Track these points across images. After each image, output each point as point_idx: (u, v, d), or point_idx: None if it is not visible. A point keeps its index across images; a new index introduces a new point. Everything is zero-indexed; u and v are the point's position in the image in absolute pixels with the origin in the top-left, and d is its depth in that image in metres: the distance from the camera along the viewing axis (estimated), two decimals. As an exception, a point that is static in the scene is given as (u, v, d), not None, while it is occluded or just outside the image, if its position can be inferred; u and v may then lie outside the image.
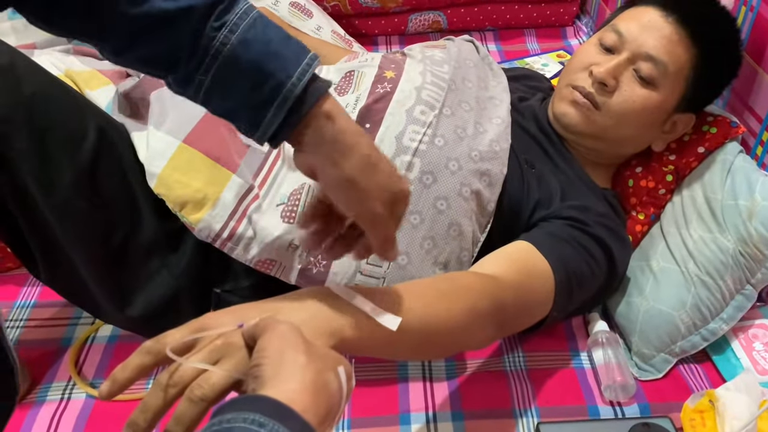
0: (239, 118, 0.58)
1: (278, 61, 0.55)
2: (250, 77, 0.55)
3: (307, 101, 0.55)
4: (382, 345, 0.60)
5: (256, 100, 0.55)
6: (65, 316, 1.06)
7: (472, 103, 0.99)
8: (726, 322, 0.95)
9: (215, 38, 0.54)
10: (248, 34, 0.55)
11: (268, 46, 0.55)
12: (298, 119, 0.56)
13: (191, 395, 0.47)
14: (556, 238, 0.89)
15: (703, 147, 1.05)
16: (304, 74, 0.55)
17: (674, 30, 0.96)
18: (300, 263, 0.89)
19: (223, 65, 0.55)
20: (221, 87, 0.56)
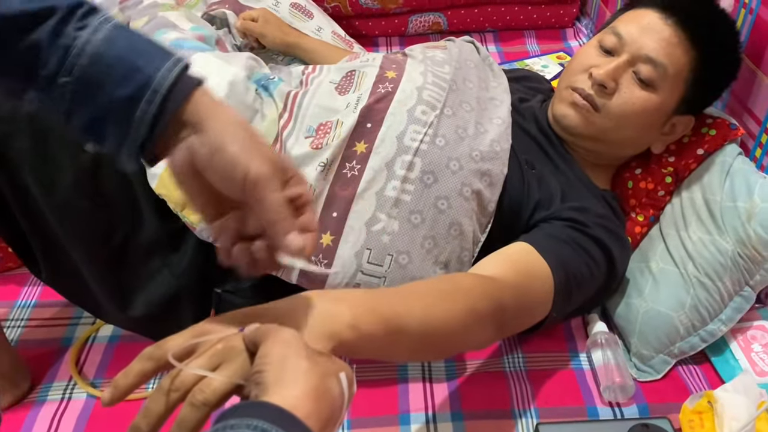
0: (108, 123, 0.52)
1: (146, 56, 0.52)
2: (118, 72, 0.51)
3: (179, 93, 0.52)
4: (381, 347, 0.60)
5: (124, 95, 0.51)
6: (66, 315, 1.07)
7: (473, 103, 0.99)
8: (725, 324, 0.96)
9: (78, 37, 0.51)
10: (113, 33, 0.53)
11: (134, 43, 0.53)
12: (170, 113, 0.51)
13: (193, 400, 0.47)
14: (555, 239, 0.90)
15: (702, 149, 1.05)
16: (174, 67, 0.52)
17: (674, 32, 0.97)
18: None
19: (88, 63, 0.51)
20: (86, 88, 0.52)
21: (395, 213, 0.90)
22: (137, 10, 1.33)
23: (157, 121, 0.51)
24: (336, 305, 0.56)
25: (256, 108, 0.97)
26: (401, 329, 0.61)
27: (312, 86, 1.00)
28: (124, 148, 0.53)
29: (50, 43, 0.51)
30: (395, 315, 0.61)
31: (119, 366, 0.97)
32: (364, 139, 0.93)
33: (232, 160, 0.51)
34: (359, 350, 0.56)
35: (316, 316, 0.54)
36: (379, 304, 0.60)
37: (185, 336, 0.51)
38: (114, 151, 0.54)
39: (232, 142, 0.51)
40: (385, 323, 0.59)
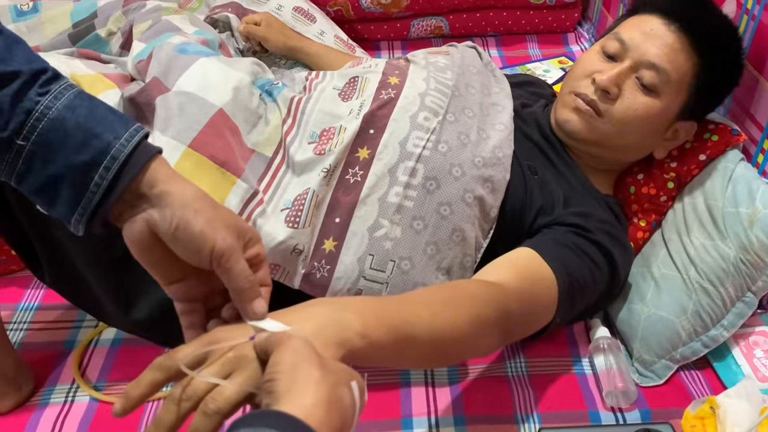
0: (63, 187, 0.53)
1: (105, 123, 0.53)
2: (77, 138, 0.52)
3: (137, 161, 0.53)
4: (390, 355, 0.60)
5: (82, 161, 0.52)
6: (69, 318, 1.07)
7: (475, 109, 1.00)
8: (727, 329, 0.96)
9: (39, 102, 0.53)
10: (74, 100, 0.54)
11: (94, 110, 0.54)
12: (128, 180, 0.53)
13: (205, 409, 0.47)
14: (559, 244, 0.90)
15: (705, 154, 1.05)
16: (134, 135, 0.53)
17: (677, 38, 0.97)
18: (303, 268, 0.90)
19: (48, 128, 0.52)
20: (44, 151, 0.52)
21: (398, 219, 0.90)
22: (140, 14, 1.34)
23: (113, 188, 0.52)
24: (345, 313, 0.56)
25: (260, 113, 0.98)
26: (410, 337, 0.61)
27: (315, 92, 1.00)
28: (76, 213, 0.53)
29: (11, 107, 0.52)
30: (403, 323, 0.61)
31: (122, 369, 0.98)
32: (367, 145, 0.93)
33: (198, 234, 0.52)
34: (368, 358, 0.57)
35: (327, 324, 0.54)
36: (388, 312, 0.60)
37: (196, 345, 0.51)
38: (63, 216, 0.54)
39: (196, 217, 0.53)
40: (393, 331, 0.59)
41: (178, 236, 0.53)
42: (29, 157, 0.53)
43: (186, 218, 0.53)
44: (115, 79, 1.16)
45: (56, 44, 1.36)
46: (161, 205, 0.53)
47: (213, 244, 0.52)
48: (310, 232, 0.89)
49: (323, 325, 0.54)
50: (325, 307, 0.57)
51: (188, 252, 0.53)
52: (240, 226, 0.55)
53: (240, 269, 0.53)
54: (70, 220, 0.54)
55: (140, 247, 0.55)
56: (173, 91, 0.94)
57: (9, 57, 0.53)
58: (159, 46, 1.06)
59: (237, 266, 0.53)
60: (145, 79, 1.04)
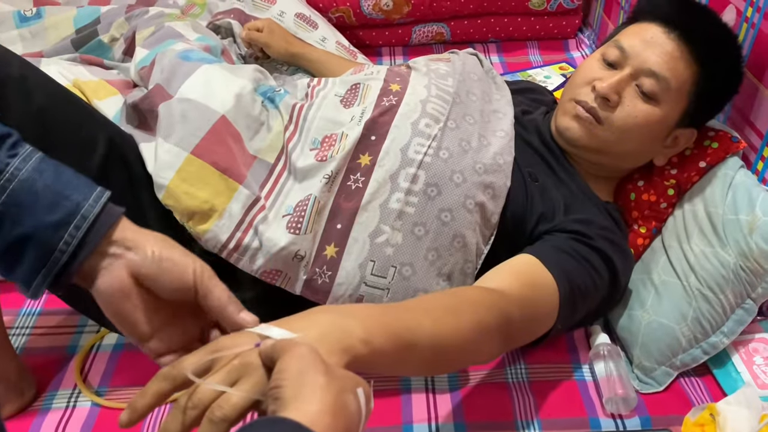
0: (31, 248, 0.54)
1: (74, 185, 0.56)
2: (46, 199, 0.54)
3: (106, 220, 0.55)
4: (392, 362, 0.60)
5: (51, 221, 0.54)
6: (70, 324, 1.07)
7: (476, 116, 1.00)
8: (726, 336, 0.96)
9: (9, 164, 0.54)
10: (41, 164, 0.56)
11: (60, 174, 0.56)
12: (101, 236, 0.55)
13: (212, 416, 0.47)
14: (559, 251, 0.90)
15: (705, 161, 1.05)
16: (100, 197, 0.56)
17: (676, 46, 0.97)
18: (305, 274, 0.90)
19: (17, 189, 0.54)
20: (14, 212, 0.54)
21: (399, 225, 0.90)
22: (143, 20, 1.35)
23: (82, 246, 0.54)
24: (349, 320, 0.57)
25: (262, 120, 0.98)
26: (412, 344, 0.61)
27: (317, 99, 1.01)
28: (39, 275, 0.54)
29: None
30: (406, 329, 0.61)
31: (123, 374, 0.99)
32: (369, 152, 0.93)
33: (181, 261, 0.56)
34: (371, 365, 0.57)
35: (330, 330, 0.54)
36: (390, 319, 0.61)
37: (201, 353, 0.52)
38: (23, 279, 0.55)
39: (173, 248, 0.57)
40: (396, 338, 0.59)
41: (163, 266, 0.56)
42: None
43: (166, 249, 0.56)
44: (117, 85, 1.17)
45: (59, 50, 1.37)
46: (138, 247, 0.56)
47: (194, 267, 0.56)
48: (311, 238, 0.90)
49: (327, 332, 0.54)
50: (328, 314, 0.57)
51: (173, 281, 0.56)
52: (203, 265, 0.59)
53: (221, 287, 0.57)
54: (31, 282, 0.55)
55: (120, 297, 0.56)
56: (176, 98, 0.94)
57: None
58: (162, 53, 1.07)
59: (218, 285, 0.57)
60: (147, 85, 1.05)
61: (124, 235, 0.56)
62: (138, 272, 0.56)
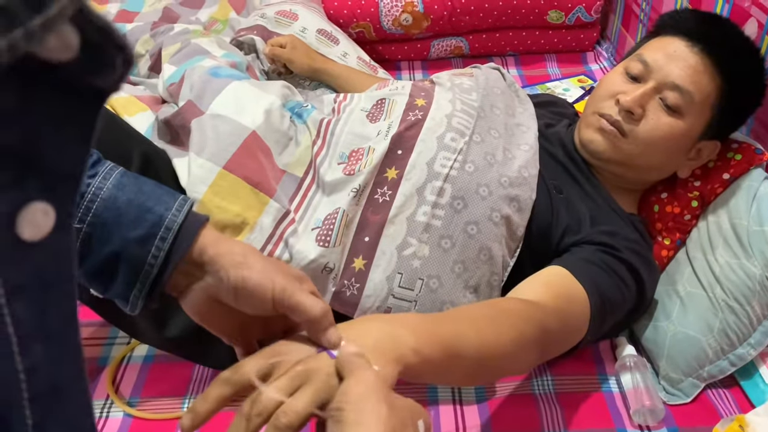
0: (119, 265, 0.55)
1: (155, 197, 0.56)
2: (130, 214, 0.55)
3: (190, 231, 0.55)
4: (440, 371, 0.61)
5: (137, 235, 0.54)
6: (101, 336, 1.09)
7: (500, 129, 1.01)
8: (754, 348, 0.96)
9: (90, 184, 0.55)
10: (122, 179, 0.56)
11: (142, 187, 0.57)
12: (187, 246, 0.55)
13: (277, 423, 0.47)
14: (589, 263, 0.91)
15: (728, 173, 1.06)
16: (184, 204, 0.56)
17: (700, 60, 0.98)
18: (334, 286, 0.91)
19: (102, 208, 0.54)
20: (101, 232, 0.54)
21: (426, 238, 0.92)
22: (168, 37, 1.38)
23: (170, 259, 0.54)
24: (400, 329, 0.57)
25: (290, 135, 1.00)
26: (459, 353, 0.62)
27: (344, 114, 1.03)
28: (135, 289, 0.55)
29: None
30: (453, 339, 0.62)
31: (154, 385, 1.00)
32: (395, 166, 0.95)
33: (257, 286, 0.54)
34: (420, 374, 0.57)
35: (383, 339, 0.55)
36: (438, 328, 0.62)
37: (262, 357, 0.52)
38: (121, 295, 0.56)
39: (249, 272, 0.54)
40: (444, 347, 0.60)
41: (239, 294, 0.55)
42: (87, 240, 0.54)
43: (241, 276, 0.54)
44: (146, 101, 1.19)
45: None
46: (214, 271, 0.55)
47: (272, 288, 0.54)
48: (340, 250, 0.91)
49: (380, 341, 0.55)
50: (380, 322, 0.58)
51: (253, 305, 0.55)
52: (291, 271, 0.57)
53: (307, 301, 0.54)
54: (128, 297, 0.56)
55: (201, 314, 0.57)
56: (207, 114, 0.96)
57: None
58: (191, 69, 1.09)
59: (303, 299, 0.54)
60: (177, 101, 1.07)
61: (204, 246, 0.56)
62: (217, 296, 0.56)
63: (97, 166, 0.57)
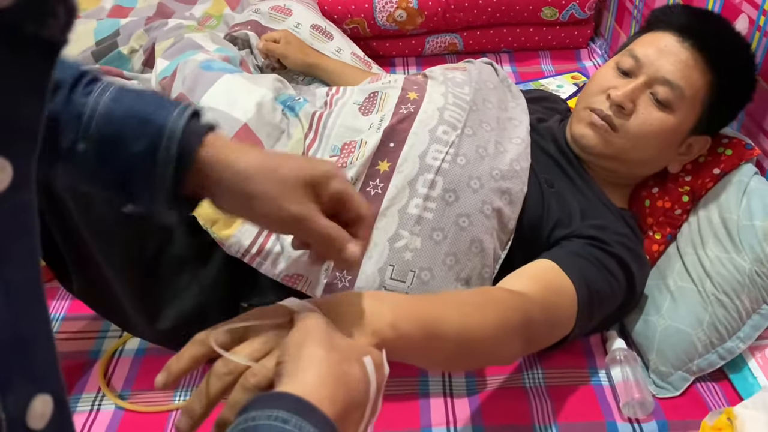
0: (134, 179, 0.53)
1: (154, 105, 0.54)
2: (130, 127, 0.53)
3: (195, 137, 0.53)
4: (418, 350, 0.61)
5: (141, 148, 0.52)
6: (93, 329, 1.09)
7: (492, 123, 1.02)
8: (743, 341, 0.97)
9: (86, 103, 0.53)
10: (119, 93, 0.54)
11: (141, 97, 0.55)
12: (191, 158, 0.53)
13: (245, 383, 0.49)
14: (578, 256, 0.91)
15: (719, 168, 1.07)
16: (184, 111, 0.54)
17: (690, 55, 0.99)
18: (326, 278, 0.92)
19: (101, 124, 0.52)
20: (104, 147, 0.53)
21: (417, 230, 0.92)
22: (162, 32, 1.37)
23: (179, 165, 0.53)
24: (379, 304, 0.58)
25: (282, 128, 1.00)
26: (439, 334, 0.63)
27: (336, 107, 1.03)
28: (157, 200, 0.54)
29: (62, 117, 0.52)
30: (434, 319, 0.63)
31: (146, 378, 1.00)
32: (387, 158, 0.95)
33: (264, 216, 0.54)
34: (398, 351, 0.58)
35: (361, 313, 0.56)
36: (419, 308, 0.62)
37: (237, 321, 0.53)
38: (149, 207, 0.55)
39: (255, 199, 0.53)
40: (423, 327, 0.61)
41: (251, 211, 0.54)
42: (93, 159, 0.53)
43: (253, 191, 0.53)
44: (139, 95, 1.19)
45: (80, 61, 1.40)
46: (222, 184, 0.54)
47: (285, 212, 0.53)
48: (332, 243, 0.91)
49: (358, 313, 0.55)
50: (361, 297, 0.59)
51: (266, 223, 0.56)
52: (306, 175, 0.55)
53: (319, 227, 0.54)
54: (156, 209, 0.55)
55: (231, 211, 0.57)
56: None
57: None
58: (183, 63, 1.09)
59: (315, 225, 0.54)
60: (169, 94, 1.07)
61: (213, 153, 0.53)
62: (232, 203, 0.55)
63: (93, 84, 0.54)
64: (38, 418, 0.31)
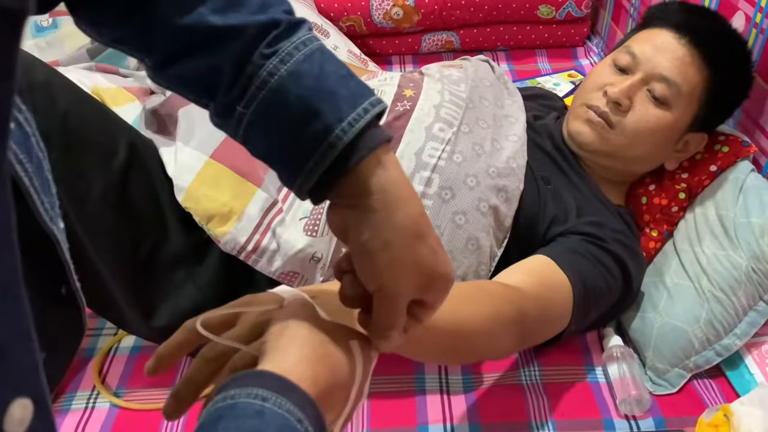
0: (279, 163, 0.50)
1: (331, 100, 0.47)
2: (296, 115, 0.47)
3: (357, 152, 0.46)
4: (409, 341, 0.60)
5: (299, 142, 0.47)
6: (89, 327, 1.08)
7: (489, 120, 1.02)
8: (739, 338, 0.97)
9: (263, 66, 0.47)
10: (302, 65, 0.47)
11: (322, 81, 0.47)
12: (343, 170, 0.47)
13: (233, 366, 0.48)
14: (574, 253, 0.91)
15: (715, 165, 1.07)
16: (359, 119, 0.46)
17: (687, 52, 0.99)
18: (322, 275, 0.91)
19: (268, 98, 0.47)
20: (263, 123, 0.48)
21: (414, 227, 0.91)
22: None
23: (328, 176, 0.47)
24: None
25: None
26: (430, 325, 0.62)
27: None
28: (294, 188, 0.50)
29: (233, 70, 0.48)
30: None
31: (141, 376, 1.00)
32: (384, 155, 0.95)
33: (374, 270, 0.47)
34: None
35: None
36: None
37: (227, 308, 0.53)
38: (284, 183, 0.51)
39: (383, 251, 0.47)
40: None
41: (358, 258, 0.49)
42: (248, 126, 0.48)
43: (375, 247, 0.47)
44: (135, 92, 1.19)
45: (75, 59, 1.40)
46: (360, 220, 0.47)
47: (382, 284, 0.48)
48: (328, 240, 0.91)
49: None
50: None
51: (360, 272, 0.49)
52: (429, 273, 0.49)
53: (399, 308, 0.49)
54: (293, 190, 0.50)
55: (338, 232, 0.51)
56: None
57: (238, 4, 0.48)
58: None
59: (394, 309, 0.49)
60: (165, 91, 1.07)
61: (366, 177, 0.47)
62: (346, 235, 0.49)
63: (281, 41, 0.48)
64: (16, 424, 0.29)
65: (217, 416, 0.40)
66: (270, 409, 0.40)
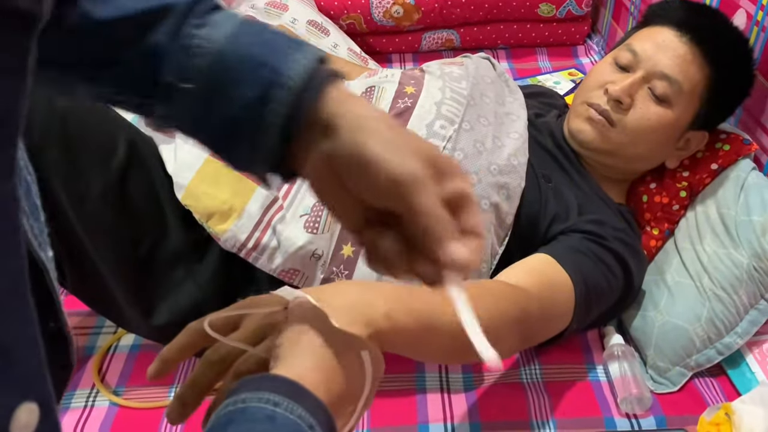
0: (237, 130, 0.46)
1: (273, 48, 0.45)
2: (243, 71, 0.44)
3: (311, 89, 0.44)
4: (412, 341, 0.60)
5: (251, 97, 0.44)
6: (88, 325, 1.08)
7: (490, 118, 1.01)
8: (740, 337, 0.96)
9: (197, 35, 0.45)
10: (239, 28, 0.46)
11: (260, 36, 0.46)
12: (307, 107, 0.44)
13: (238, 370, 0.48)
14: (575, 251, 0.91)
15: (717, 164, 1.06)
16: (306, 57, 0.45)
17: (688, 50, 0.98)
18: (322, 273, 0.91)
19: (210, 63, 0.45)
20: (211, 91, 0.45)
21: (415, 225, 0.91)
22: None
23: (291, 123, 0.44)
24: (374, 294, 0.57)
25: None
26: (433, 326, 0.62)
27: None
28: (257, 159, 0.46)
29: (168, 47, 0.45)
30: (429, 311, 0.62)
31: (141, 375, 0.99)
32: (385, 153, 0.94)
33: (373, 160, 0.42)
34: (392, 342, 0.57)
35: (356, 302, 0.55)
36: (414, 300, 0.61)
37: (230, 310, 0.52)
38: (246, 165, 0.48)
39: (370, 139, 0.42)
40: (417, 318, 0.60)
41: (353, 168, 0.43)
42: (196, 102, 0.45)
43: (360, 142, 0.42)
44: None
45: None
46: (331, 133, 0.43)
47: (388, 171, 0.41)
48: (329, 237, 0.91)
49: (351, 303, 0.54)
50: (355, 287, 0.58)
51: (366, 188, 0.43)
52: (431, 153, 0.44)
53: (424, 202, 0.41)
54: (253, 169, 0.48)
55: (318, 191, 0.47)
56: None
57: None
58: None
59: (420, 199, 0.41)
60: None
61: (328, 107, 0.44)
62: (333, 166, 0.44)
63: (208, 15, 0.47)
64: (22, 428, 0.29)
65: (228, 420, 0.40)
66: (281, 414, 0.40)
